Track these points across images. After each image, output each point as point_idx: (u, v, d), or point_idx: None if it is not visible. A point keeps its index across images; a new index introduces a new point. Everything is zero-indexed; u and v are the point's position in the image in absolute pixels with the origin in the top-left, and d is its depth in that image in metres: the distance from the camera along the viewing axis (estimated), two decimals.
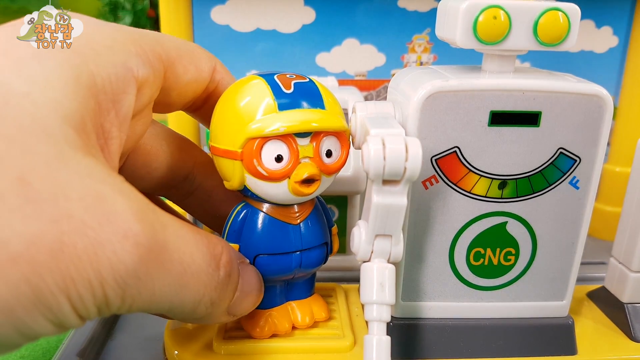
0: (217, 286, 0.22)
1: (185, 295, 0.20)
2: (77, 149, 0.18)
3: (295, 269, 0.27)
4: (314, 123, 0.24)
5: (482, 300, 0.29)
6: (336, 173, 0.27)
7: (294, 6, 0.43)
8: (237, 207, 0.27)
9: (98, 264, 0.17)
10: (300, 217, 0.27)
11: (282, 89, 0.25)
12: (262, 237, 0.26)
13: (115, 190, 0.19)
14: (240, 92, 0.25)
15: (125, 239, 0.18)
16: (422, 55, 0.45)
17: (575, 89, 0.25)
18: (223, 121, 0.25)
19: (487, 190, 0.27)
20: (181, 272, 0.20)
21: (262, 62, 0.44)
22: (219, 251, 0.22)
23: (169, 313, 0.21)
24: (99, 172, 0.19)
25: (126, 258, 0.18)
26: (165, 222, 0.20)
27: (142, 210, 0.19)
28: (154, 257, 0.19)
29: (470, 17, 0.24)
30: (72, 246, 0.17)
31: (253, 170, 0.25)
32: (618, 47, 0.46)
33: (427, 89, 0.25)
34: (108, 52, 0.21)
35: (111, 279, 0.18)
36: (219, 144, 0.25)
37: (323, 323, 0.29)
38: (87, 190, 0.18)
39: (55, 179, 0.17)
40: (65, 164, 0.18)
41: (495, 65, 0.26)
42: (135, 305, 0.19)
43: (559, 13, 0.25)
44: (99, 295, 0.18)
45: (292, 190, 0.25)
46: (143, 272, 0.18)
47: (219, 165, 0.26)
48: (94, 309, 0.18)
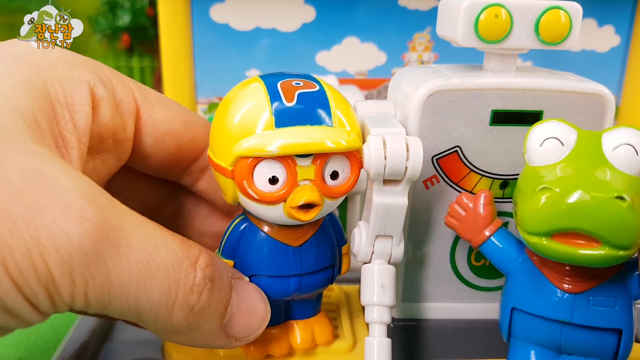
0: (195, 289, 0.20)
1: (152, 290, 0.19)
2: (25, 136, 0.18)
3: (293, 293, 0.25)
4: (316, 144, 0.21)
5: (484, 301, 0.28)
6: (343, 196, 0.23)
7: (294, 4, 0.43)
8: (237, 220, 0.25)
9: (36, 231, 0.16)
10: (302, 238, 0.24)
11: (283, 100, 0.22)
12: (257, 257, 0.24)
13: (61, 170, 0.18)
14: (237, 99, 0.23)
15: (67, 210, 0.17)
16: (423, 54, 0.45)
17: (577, 88, 0.25)
18: (217, 130, 0.23)
19: (488, 189, 0.27)
20: (143, 262, 0.19)
21: (262, 61, 0.44)
22: (194, 252, 0.21)
23: (140, 316, 0.19)
24: (47, 155, 0.18)
25: (69, 229, 0.17)
26: (123, 211, 0.19)
27: (90, 192, 0.18)
28: (105, 236, 0.18)
29: (472, 16, 0.24)
30: (5, 210, 0.16)
31: (244, 192, 0.22)
32: (620, 46, 0.46)
33: (428, 88, 0.25)
34: (65, 67, 0.22)
35: (52, 249, 0.16)
36: (213, 156, 0.23)
37: (324, 348, 0.27)
38: (28, 164, 0.17)
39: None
40: (8, 142, 0.17)
41: (497, 64, 0.26)
42: (92, 292, 0.18)
43: (560, 12, 0.24)
44: (41, 268, 0.16)
45: (288, 215, 0.22)
46: (92, 249, 0.17)
47: (215, 175, 0.24)
48: (40, 289, 0.17)
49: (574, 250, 0.20)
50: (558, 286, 0.22)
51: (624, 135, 0.21)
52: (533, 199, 0.20)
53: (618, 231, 0.19)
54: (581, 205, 0.19)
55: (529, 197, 0.21)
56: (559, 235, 0.20)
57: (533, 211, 0.20)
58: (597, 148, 0.21)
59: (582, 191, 0.19)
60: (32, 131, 0.19)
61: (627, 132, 0.22)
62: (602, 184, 0.20)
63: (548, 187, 0.20)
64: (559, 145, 0.22)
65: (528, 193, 0.21)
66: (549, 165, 0.22)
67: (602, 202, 0.19)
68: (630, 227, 0.19)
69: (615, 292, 0.22)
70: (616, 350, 0.22)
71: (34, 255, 0.16)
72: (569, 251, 0.20)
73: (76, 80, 0.22)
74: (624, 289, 0.22)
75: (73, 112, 0.21)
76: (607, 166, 0.21)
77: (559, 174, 0.21)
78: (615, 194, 0.19)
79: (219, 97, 0.45)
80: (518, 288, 0.24)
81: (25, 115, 0.19)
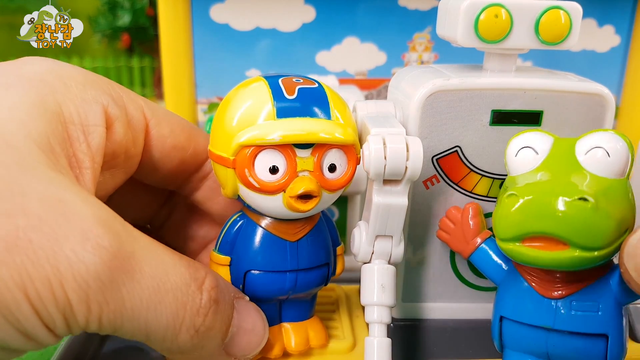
0: (201, 311, 0.21)
1: (161, 313, 0.20)
2: (41, 162, 0.19)
3: (289, 289, 0.25)
4: (315, 134, 0.22)
5: (484, 301, 0.28)
6: (340, 190, 0.24)
7: (294, 4, 0.43)
8: (233, 217, 0.25)
9: (56, 261, 0.17)
10: (300, 233, 0.25)
11: (284, 94, 0.23)
12: (254, 252, 0.24)
13: (78, 198, 0.18)
14: (240, 94, 0.24)
15: (85, 239, 0.18)
16: (423, 54, 0.45)
17: (577, 88, 0.25)
18: (219, 124, 0.24)
19: (489, 190, 0.27)
20: (154, 287, 0.19)
21: (262, 61, 0.44)
22: (201, 275, 0.22)
23: (149, 338, 0.20)
24: (63, 181, 0.19)
25: (86, 258, 0.17)
26: (136, 236, 0.20)
27: (107, 219, 0.19)
28: (120, 264, 0.18)
29: (472, 16, 0.24)
30: (27, 240, 0.17)
31: (245, 181, 0.23)
32: (620, 46, 0.46)
33: (428, 88, 0.25)
34: (78, 87, 0.22)
35: (70, 277, 0.17)
36: (214, 149, 0.24)
37: (319, 350, 0.27)
38: (47, 193, 0.18)
39: (14, 179, 0.17)
40: (26, 170, 0.18)
41: (497, 64, 0.26)
42: (106, 317, 0.18)
43: (560, 12, 0.24)
44: (60, 296, 0.17)
45: (287, 206, 0.23)
46: (107, 276, 0.18)
47: (215, 170, 0.25)
48: (58, 315, 0.17)
49: (542, 254, 0.20)
50: (540, 292, 0.22)
51: (596, 138, 0.21)
52: (501, 206, 0.21)
53: (583, 232, 0.19)
54: (544, 208, 0.19)
55: (498, 204, 0.21)
56: (528, 239, 0.20)
57: (501, 218, 0.21)
58: (570, 154, 0.22)
59: (545, 195, 0.20)
60: (47, 156, 0.19)
61: (599, 135, 0.22)
62: (567, 187, 0.20)
63: (515, 194, 0.20)
64: (532, 154, 0.22)
65: (499, 200, 0.22)
66: (522, 174, 0.22)
67: (565, 204, 0.19)
68: (595, 227, 0.19)
69: (599, 297, 0.22)
70: (605, 357, 0.22)
71: (53, 283, 0.17)
72: (538, 255, 0.20)
73: (90, 101, 0.22)
74: (608, 293, 0.22)
75: (87, 133, 0.22)
76: (578, 170, 0.21)
77: (528, 181, 0.21)
78: (578, 196, 0.19)
79: (219, 97, 0.45)
80: (505, 297, 0.24)
81: (39, 140, 0.19)
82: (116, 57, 1.14)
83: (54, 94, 0.21)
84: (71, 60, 1.12)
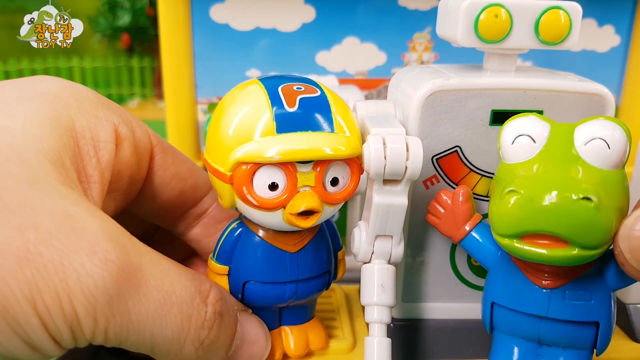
0: (205, 324, 0.21)
1: (166, 326, 0.20)
2: (51, 177, 0.19)
3: (289, 299, 0.25)
4: (318, 150, 0.21)
5: None
6: (342, 203, 0.23)
7: (294, 4, 0.43)
8: (232, 225, 0.25)
9: (65, 275, 0.17)
10: (300, 244, 0.24)
11: (285, 106, 0.21)
12: (254, 263, 0.24)
13: (87, 212, 0.19)
14: (237, 101, 0.22)
15: (93, 253, 0.18)
16: (423, 54, 0.45)
17: (577, 88, 0.25)
18: (214, 132, 0.23)
19: (489, 190, 0.27)
20: (160, 300, 0.20)
21: (262, 61, 0.44)
22: (206, 288, 0.22)
23: (154, 350, 0.20)
24: (72, 195, 0.19)
25: (95, 272, 0.18)
26: (143, 250, 0.20)
27: (114, 233, 0.19)
28: (126, 277, 0.19)
29: (472, 16, 0.24)
30: (37, 254, 0.17)
31: (243, 198, 0.22)
32: (620, 46, 0.46)
33: (428, 87, 0.25)
34: (91, 105, 0.23)
35: (79, 291, 0.17)
36: (210, 160, 0.23)
37: (320, 351, 0.27)
38: (57, 207, 0.18)
39: (25, 194, 0.18)
40: (37, 185, 0.18)
41: (497, 64, 0.26)
42: (112, 330, 0.19)
43: (560, 12, 0.24)
44: (68, 310, 0.17)
45: (287, 222, 0.22)
46: (114, 290, 0.18)
47: (211, 180, 0.24)
48: (65, 328, 0.18)
49: (542, 252, 0.20)
50: (534, 282, 0.22)
51: (596, 128, 0.21)
52: (501, 202, 0.20)
53: (585, 232, 0.19)
54: (547, 208, 0.19)
55: (497, 198, 0.21)
56: (527, 236, 0.20)
57: (501, 214, 0.20)
58: (569, 143, 0.21)
59: (548, 193, 0.19)
60: (57, 170, 0.19)
61: (599, 125, 0.21)
62: (570, 184, 0.20)
63: (515, 190, 0.20)
64: (530, 142, 0.22)
65: (497, 193, 0.21)
66: (520, 163, 0.22)
67: (569, 204, 0.19)
68: (597, 227, 0.19)
69: (592, 286, 0.22)
70: (594, 341, 0.23)
71: (62, 297, 0.17)
72: (538, 253, 0.20)
73: (102, 118, 0.23)
74: (600, 281, 0.22)
75: (98, 149, 0.22)
76: (578, 162, 0.21)
77: (527, 174, 0.21)
78: (581, 195, 0.19)
79: (219, 97, 0.45)
80: (497, 283, 0.24)
81: (51, 155, 0.20)
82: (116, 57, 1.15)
83: (67, 109, 0.21)
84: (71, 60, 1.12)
